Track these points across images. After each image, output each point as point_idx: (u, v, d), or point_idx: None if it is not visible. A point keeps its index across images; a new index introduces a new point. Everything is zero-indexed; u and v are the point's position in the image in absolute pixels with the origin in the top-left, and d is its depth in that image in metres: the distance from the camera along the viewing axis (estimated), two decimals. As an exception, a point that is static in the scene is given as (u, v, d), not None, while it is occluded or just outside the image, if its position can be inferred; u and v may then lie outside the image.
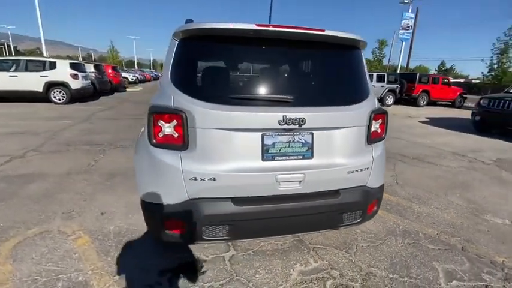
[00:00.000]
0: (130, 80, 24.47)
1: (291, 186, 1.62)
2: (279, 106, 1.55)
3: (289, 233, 1.91)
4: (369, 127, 1.77)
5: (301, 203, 1.64)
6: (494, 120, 7.44)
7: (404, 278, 1.98)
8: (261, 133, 1.56)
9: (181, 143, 1.50)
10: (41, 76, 9.82)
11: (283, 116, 1.51)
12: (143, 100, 13.31)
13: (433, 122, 9.91)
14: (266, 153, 1.58)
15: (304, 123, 1.54)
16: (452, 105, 16.33)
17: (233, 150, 1.53)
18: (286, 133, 1.59)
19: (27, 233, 2.30)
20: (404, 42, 22.38)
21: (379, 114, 1.82)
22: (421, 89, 14.96)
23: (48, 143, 5.12)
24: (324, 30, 1.58)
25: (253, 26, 1.46)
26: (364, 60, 1.91)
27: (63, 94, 10.16)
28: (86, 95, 11.24)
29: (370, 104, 1.78)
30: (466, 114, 12.36)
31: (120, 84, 17.23)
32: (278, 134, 1.58)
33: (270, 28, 1.48)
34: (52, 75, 9.92)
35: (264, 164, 1.58)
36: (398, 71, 21.16)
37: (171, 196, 1.56)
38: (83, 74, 10.93)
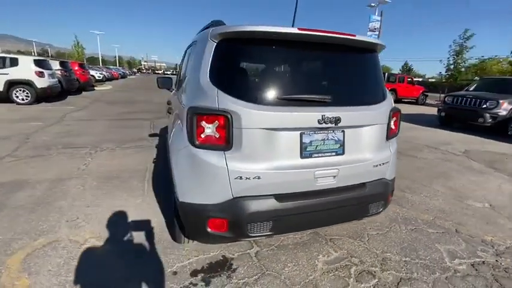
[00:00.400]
0: (97, 78, 22.97)
1: (327, 182, 1.72)
2: (318, 106, 1.64)
3: (324, 225, 2.02)
4: (388, 124, 1.93)
5: (336, 196, 1.76)
6: (458, 116, 8.28)
7: (415, 260, 2.19)
8: (299, 132, 1.63)
9: (225, 143, 1.52)
10: (0, 74, 8.88)
11: (322, 115, 1.61)
12: (117, 100, 12.63)
13: (403, 118, 10.61)
14: (304, 150, 1.66)
15: (340, 122, 1.65)
16: (416, 102, 17.74)
17: (275, 149, 1.59)
18: (321, 131, 1.69)
19: (35, 244, 2.14)
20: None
21: (396, 113, 2.00)
22: (389, 88, 16.04)
23: (23, 147, 4.70)
24: (355, 35, 1.70)
25: (295, 30, 1.53)
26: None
27: (27, 94, 9.30)
28: (53, 94, 10.39)
29: (389, 103, 1.95)
30: (429, 110, 13.56)
31: (88, 82, 16.13)
32: (314, 133, 1.67)
33: (312, 32, 1.55)
34: (14, 73, 9.03)
35: (303, 162, 1.66)
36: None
37: (216, 196, 1.58)
38: (49, 71, 10.08)
